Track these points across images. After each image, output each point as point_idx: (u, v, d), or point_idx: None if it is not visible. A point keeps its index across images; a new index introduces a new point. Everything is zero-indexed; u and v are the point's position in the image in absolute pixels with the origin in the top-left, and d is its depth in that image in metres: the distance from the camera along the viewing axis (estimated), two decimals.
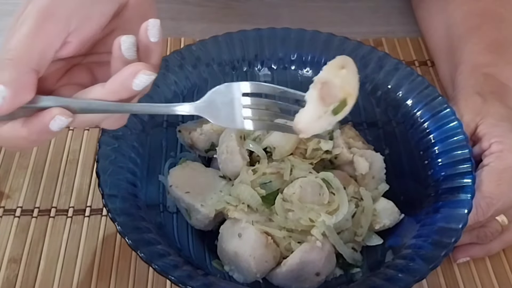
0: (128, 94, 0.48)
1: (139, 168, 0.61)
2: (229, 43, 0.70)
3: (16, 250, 0.64)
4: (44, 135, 0.48)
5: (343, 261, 0.60)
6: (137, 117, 0.63)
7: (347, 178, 0.62)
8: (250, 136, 0.64)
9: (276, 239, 0.58)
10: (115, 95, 0.48)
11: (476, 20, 0.74)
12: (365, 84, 0.69)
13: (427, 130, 0.64)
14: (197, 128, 0.66)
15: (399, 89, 0.67)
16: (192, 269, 0.53)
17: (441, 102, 0.64)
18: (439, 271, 0.64)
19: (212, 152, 0.66)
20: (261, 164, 0.61)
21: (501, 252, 0.66)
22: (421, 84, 0.66)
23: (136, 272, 0.62)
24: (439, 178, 0.60)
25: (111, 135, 0.60)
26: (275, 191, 0.59)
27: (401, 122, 0.67)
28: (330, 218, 0.57)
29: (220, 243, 0.59)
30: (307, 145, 0.62)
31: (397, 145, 0.67)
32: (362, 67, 0.68)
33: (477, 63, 0.69)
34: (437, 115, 0.63)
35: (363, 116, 0.70)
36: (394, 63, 0.68)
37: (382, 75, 0.68)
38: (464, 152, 0.59)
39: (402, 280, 0.52)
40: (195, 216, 0.61)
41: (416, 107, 0.66)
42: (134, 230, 0.54)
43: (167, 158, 0.66)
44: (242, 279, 0.58)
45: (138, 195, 0.59)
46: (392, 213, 0.61)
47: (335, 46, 0.70)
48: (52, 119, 0.47)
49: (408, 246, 0.56)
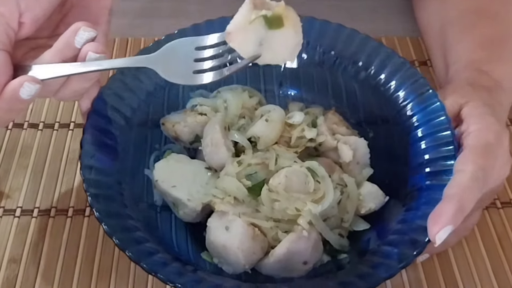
0: (73, 51, 0.53)
1: (124, 164, 0.61)
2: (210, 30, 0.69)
3: (16, 250, 0.64)
4: (15, 104, 0.51)
5: (330, 247, 0.60)
6: (120, 112, 0.63)
7: (331, 165, 0.62)
8: (234, 126, 0.64)
9: (264, 230, 0.58)
10: (62, 54, 0.53)
11: (471, 18, 0.73)
12: (348, 67, 0.69)
13: (411, 113, 0.64)
14: (180, 121, 0.66)
15: (382, 71, 0.67)
16: (181, 266, 0.53)
17: (424, 84, 0.64)
18: (438, 269, 0.64)
19: (197, 144, 0.65)
20: (246, 155, 0.61)
21: (500, 252, 0.65)
22: (403, 66, 0.66)
23: (136, 272, 0.62)
24: (423, 162, 0.60)
25: (95, 130, 0.60)
26: (260, 181, 0.59)
27: (384, 104, 0.66)
28: (316, 206, 0.57)
29: (208, 236, 0.59)
30: (291, 133, 0.62)
31: (381, 128, 0.67)
32: (345, 48, 0.68)
33: (470, 60, 0.69)
34: (420, 97, 0.63)
35: (346, 100, 0.70)
36: (376, 45, 0.68)
37: (365, 58, 0.68)
38: (447, 134, 0.59)
39: (388, 266, 0.52)
40: (182, 210, 0.61)
41: (399, 89, 0.65)
42: (121, 230, 0.54)
43: (152, 151, 0.66)
44: (231, 270, 0.58)
45: (123, 192, 0.58)
46: (377, 196, 0.61)
47: (317, 28, 0.69)
48: (21, 86, 0.50)
49: (393, 232, 0.56)
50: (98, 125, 0.60)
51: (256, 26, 0.51)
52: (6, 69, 0.52)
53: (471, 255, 0.65)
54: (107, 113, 0.61)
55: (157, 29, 0.85)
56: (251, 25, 0.51)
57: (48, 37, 0.59)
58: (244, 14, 0.51)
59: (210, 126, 0.63)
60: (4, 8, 0.53)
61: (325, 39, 0.69)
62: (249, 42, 0.52)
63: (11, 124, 0.75)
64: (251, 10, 0.51)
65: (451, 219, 0.51)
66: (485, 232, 0.67)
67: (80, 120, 0.75)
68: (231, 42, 0.52)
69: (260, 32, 0.51)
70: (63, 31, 0.57)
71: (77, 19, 0.57)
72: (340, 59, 0.69)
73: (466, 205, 0.52)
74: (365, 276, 0.52)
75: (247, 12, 0.51)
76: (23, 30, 0.55)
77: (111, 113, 0.62)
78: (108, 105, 0.62)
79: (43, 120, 0.76)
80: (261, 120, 0.62)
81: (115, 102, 0.63)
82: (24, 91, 0.50)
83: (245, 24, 0.51)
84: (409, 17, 0.88)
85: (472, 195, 0.53)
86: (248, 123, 0.64)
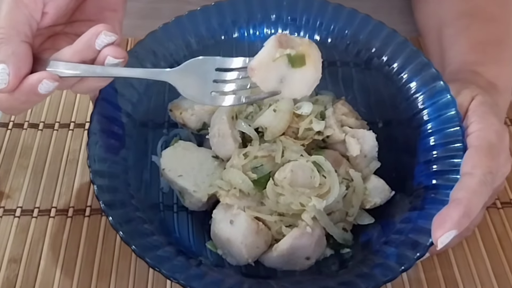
0: (92, 53, 0.53)
1: (131, 152, 0.61)
2: (220, 12, 0.69)
3: (16, 250, 0.64)
4: (32, 97, 0.52)
5: (333, 241, 0.61)
6: (127, 99, 0.63)
7: (338, 158, 0.62)
8: (242, 113, 0.63)
9: (268, 223, 0.59)
10: (81, 54, 0.52)
11: (467, 20, 0.72)
12: (361, 52, 0.68)
13: (422, 106, 0.63)
14: (188, 109, 0.65)
15: (395, 60, 0.66)
16: (185, 260, 0.54)
17: (436, 76, 0.63)
18: (438, 269, 0.64)
19: (204, 131, 0.65)
20: (252, 147, 0.61)
21: (501, 252, 0.65)
22: (417, 56, 0.65)
23: (136, 272, 0.63)
24: (431, 159, 0.59)
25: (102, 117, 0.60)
26: (266, 174, 0.59)
27: (395, 94, 0.66)
28: (321, 201, 0.57)
29: (213, 228, 0.60)
30: (299, 125, 0.62)
31: (390, 118, 0.67)
32: (358, 32, 0.67)
33: (464, 62, 0.68)
34: (432, 89, 0.62)
35: (356, 87, 0.70)
36: (390, 32, 0.67)
37: (378, 44, 0.67)
38: (456, 130, 0.59)
39: (389, 268, 0.52)
40: (188, 199, 0.61)
41: (411, 80, 0.64)
42: (127, 222, 0.54)
43: (160, 136, 0.66)
44: (235, 262, 0.59)
45: (130, 182, 0.59)
46: (383, 191, 0.61)
47: (330, 10, 0.68)
48: (40, 82, 0.51)
49: (396, 231, 0.56)
50: (105, 112, 0.60)
51: (279, 64, 0.51)
52: (27, 61, 0.52)
53: (471, 255, 0.65)
54: (115, 100, 0.61)
55: None
56: (274, 63, 0.51)
57: (64, 23, 0.59)
58: (268, 51, 0.51)
59: (217, 116, 0.62)
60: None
61: (338, 21, 0.68)
62: (271, 79, 0.52)
63: (11, 124, 0.75)
64: (276, 48, 0.51)
65: (456, 224, 0.50)
66: (485, 232, 0.67)
67: (80, 120, 0.76)
68: (253, 77, 0.52)
69: (282, 70, 0.52)
70: (79, 17, 0.59)
71: (94, 6, 0.59)
72: (353, 43, 0.68)
73: (473, 210, 0.52)
74: (365, 277, 0.52)
75: (272, 50, 0.51)
76: (45, 20, 0.55)
77: (119, 100, 0.62)
78: (116, 93, 0.62)
79: (43, 120, 0.76)
80: (269, 110, 0.62)
81: (123, 89, 0.63)
82: (43, 87, 0.51)
83: (268, 62, 0.51)
84: (409, 18, 0.87)
85: (480, 200, 0.52)
86: (256, 111, 0.63)
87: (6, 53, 0.51)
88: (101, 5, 0.59)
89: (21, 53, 0.52)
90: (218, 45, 0.69)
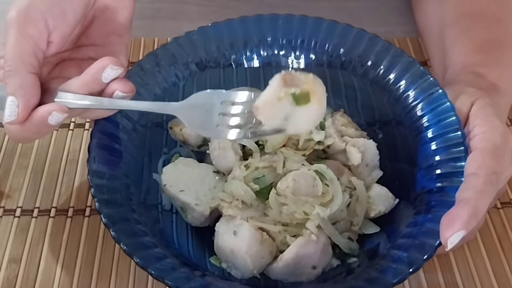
0: (99, 86, 0.53)
1: (132, 168, 0.61)
2: (217, 34, 0.69)
3: (16, 250, 0.64)
4: (43, 128, 0.53)
5: (339, 251, 0.60)
6: (128, 116, 0.63)
7: (340, 168, 0.62)
8: None
9: (272, 234, 0.58)
10: (88, 87, 0.53)
11: (468, 21, 0.73)
12: (357, 67, 0.68)
13: (421, 113, 0.63)
14: None
15: (391, 71, 0.66)
16: (189, 271, 0.53)
17: (433, 83, 0.63)
18: (438, 269, 0.64)
19: (205, 147, 0.65)
20: (253, 159, 0.61)
21: (500, 252, 0.65)
22: (413, 66, 0.65)
23: (136, 272, 0.62)
24: (433, 163, 0.59)
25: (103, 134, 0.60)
26: (268, 185, 0.59)
27: (394, 104, 0.66)
28: (325, 210, 0.57)
29: (216, 241, 0.59)
30: (299, 136, 0.62)
31: (390, 128, 0.67)
32: (353, 48, 0.68)
33: (465, 64, 0.68)
34: (429, 97, 0.62)
35: (355, 100, 0.70)
36: (384, 44, 0.67)
37: (374, 57, 0.67)
38: (457, 135, 0.59)
39: (397, 271, 0.52)
40: (190, 214, 0.61)
41: (409, 89, 0.65)
42: (129, 236, 0.54)
43: (161, 155, 0.66)
44: (239, 275, 0.58)
45: (132, 197, 0.58)
46: (386, 199, 0.61)
47: (324, 29, 0.69)
48: (49, 114, 0.52)
49: (403, 235, 0.56)
50: (105, 129, 0.60)
51: (284, 103, 0.51)
52: (35, 92, 0.53)
53: (471, 255, 0.65)
54: (115, 118, 0.61)
55: (157, 30, 0.86)
56: (279, 102, 0.51)
57: (70, 49, 0.59)
58: (273, 90, 0.51)
59: None
60: (34, 29, 0.53)
61: (333, 39, 0.69)
62: (276, 117, 0.52)
63: None
64: (280, 87, 0.51)
65: (465, 224, 0.50)
66: (485, 232, 0.66)
67: (80, 120, 0.76)
68: (258, 115, 0.52)
69: (287, 108, 0.52)
70: (85, 42, 0.60)
71: (99, 31, 0.59)
72: (349, 59, 0.69)
73: (480, 209, 0.51)
74: (374, 281, 0.52)
75: (277, 89, 0.51)
76: (51, 48, 0.55)
77: (119, 118, 0.62)
78: None
79: None
80: None
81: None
82: (53, 119, 0.52)
83: (273, 101, 0.51)
84: (409, 18, 0.87)
85: (487, 199, 0.52)
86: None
87: (15, 85, 0.52)
88: (106, 30, 0.59)
89: (29, 85, 0.52)
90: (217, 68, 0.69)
